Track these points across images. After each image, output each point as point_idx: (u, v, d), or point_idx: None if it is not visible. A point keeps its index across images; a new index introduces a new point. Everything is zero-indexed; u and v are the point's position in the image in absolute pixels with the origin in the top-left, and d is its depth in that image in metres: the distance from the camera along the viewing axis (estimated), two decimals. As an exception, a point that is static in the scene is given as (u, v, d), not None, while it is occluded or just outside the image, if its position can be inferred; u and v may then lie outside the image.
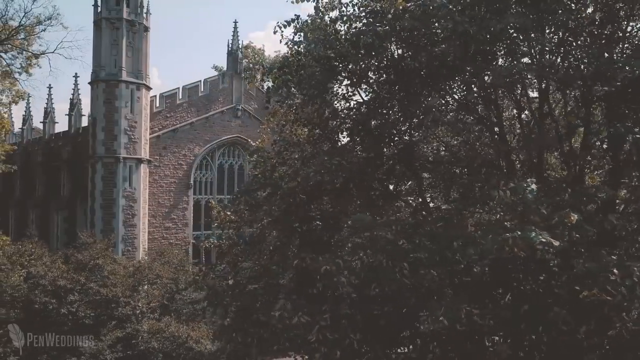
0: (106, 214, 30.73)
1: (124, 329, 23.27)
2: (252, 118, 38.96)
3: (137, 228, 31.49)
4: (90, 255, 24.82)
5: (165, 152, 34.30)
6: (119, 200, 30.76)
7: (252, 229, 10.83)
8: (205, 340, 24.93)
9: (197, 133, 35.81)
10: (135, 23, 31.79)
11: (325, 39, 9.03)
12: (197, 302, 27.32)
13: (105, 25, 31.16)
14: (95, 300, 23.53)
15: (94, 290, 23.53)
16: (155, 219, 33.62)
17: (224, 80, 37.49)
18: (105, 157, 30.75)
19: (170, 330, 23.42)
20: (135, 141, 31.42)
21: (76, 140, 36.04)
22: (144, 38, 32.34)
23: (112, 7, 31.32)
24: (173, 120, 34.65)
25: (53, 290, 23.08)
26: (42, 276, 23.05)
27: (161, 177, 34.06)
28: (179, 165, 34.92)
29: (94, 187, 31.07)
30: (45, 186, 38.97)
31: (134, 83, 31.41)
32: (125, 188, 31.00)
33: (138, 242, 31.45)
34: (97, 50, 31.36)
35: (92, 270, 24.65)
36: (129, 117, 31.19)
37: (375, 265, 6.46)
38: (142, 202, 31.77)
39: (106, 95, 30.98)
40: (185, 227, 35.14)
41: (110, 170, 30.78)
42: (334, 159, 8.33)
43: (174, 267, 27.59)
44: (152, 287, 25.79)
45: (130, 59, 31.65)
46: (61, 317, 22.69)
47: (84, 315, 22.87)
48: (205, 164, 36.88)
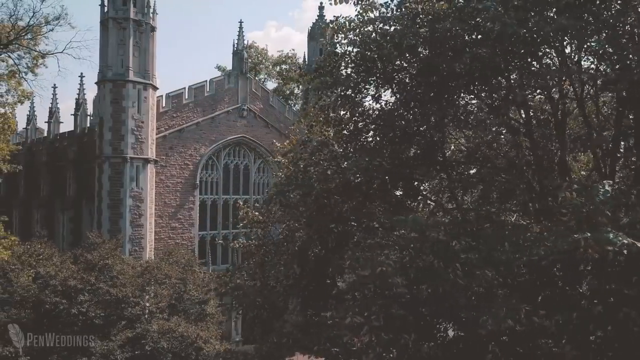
0: (113, 214, 30.63)
1: (134, 329, 23.24)
2: (257, 118, 38.95)
3: (144, 228, 31.42)
4: (100, 255, 24.75)
5: (172, 152, 34.24)
6: (126, 200, 30.67)
7: (280, 229, 10.82)
8: (214, 341, 24.97)
9: (203, 133, 35.76)
10: (142, 23, 31.71)
11: (363, 39, 9.02)
12: (204, 302, 27.44)
13: (112, 25, 31.06)
14: (104, 301, 23.46)
15: (103, 290, 23.46)
16: (162, 219, 33.55)
17: (229, 80, 37.45)
18: (112, 157, 30.65)
19: (179, 330, 23.42)
20: (142, 141, 31.36)
21: (82, 140, 35.93)
22: (150, 38, 32.26)
23: (119, 7, 31.22)
24: (179, 120, 34.59)
25: (63, 290, 23.02)
26: (53, 276, 22.98)
27: (167, 177, 34.00)
28: (185, 165, 34.87)
29: (101, 187, 30.97)
30: (50, 186, 38.83)
31: (140, 83, 31.33)
32: (132, 188, 30.92)
33: (145, 242, 31.38)
34: (104, 50, 31.24)
35: (101, 271, 24.58)
36: (135, 117, 31.12)
37: (425, 266, 6.48)
38: (149, 202, 31.71)
39: (113, 95, 30.88)
40: (192, 227, 35.08)
41: (118, 171, 30.69)
42: (374, 159, 8.34)
43: (182, 267, 27.57)
44: (160, 287, 25.73)
45: (137, 59, 31.57)
46: (71, 318, 22.65)
47: (94, 315, 22.80)
48: (211, 164, 36.84)
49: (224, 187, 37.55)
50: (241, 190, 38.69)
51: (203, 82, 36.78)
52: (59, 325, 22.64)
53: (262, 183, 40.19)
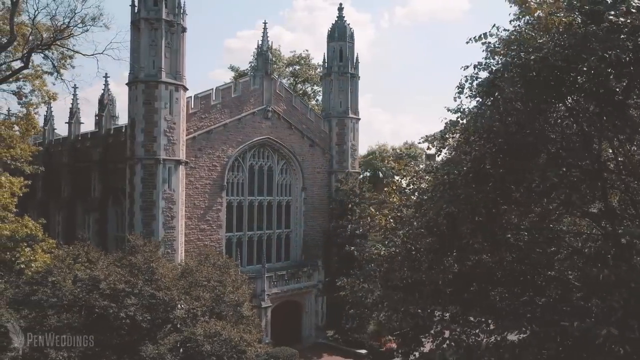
0: (146, 216, 30.40)
1: (181, 332, 23.17)
2: (281, 119, 38.96)
3: (176, 230, 31.25)
4: (144, 258, 24.60)
5: (201, 154, 34.10)
6: (159, 202, 30.46)
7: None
8: (256, 344, 24.97)
9: (230, 134, 35.66)
10: (174, 23, 31.51)
11: (542, 47, 8.76)
12: (240, 304, 27.40)
13: (144, 25, 30.82)
14: (150, 304, 23.36)
15: (149, 293, 23.35)
16: (191, 221, 33.42)
17: (254, 81, 37.37)
18: (145, 158, 30.40)
19: (225, 333, 23.37)
20: (174, 142, 31.17)
21: (107, 141, 35.63)
22: (181, 39, 32.08)
23: (151, 8, 30.98)
24: (207, 121, 34.45)
25: (111, 294, 22.85)
26: (102, 280, 22.80)
27: (196, 178, 33.86)
28: (213, 166, 34.75)
29: (133, 189, 30.72)
30: (72, 187, 38.48)
31: (172, 84, 31.13)
32: (165, 190, 30.72)
33: (177, 244, 31.22)
34: (135, 51, 31.00)
35: (145, 273, 24.44)
36: (168, 119, 30.92)
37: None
38: (180, 203, 31.54)
39: (145, 97, 30.63)
40: (219, 229, 34.98)
41: (150, 172, 30.46)
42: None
43: (219, 269, 27.52)
44: (202, 289, 25.66)
45: (169, 60, 31.36)
46: (119, 321, 22.52)
47: (141, 319, 22.69)
48: (237, 165, 36.76)
49: (249, 188, 37.52)
50: (265, 191, 38.69)
51: (230, 83, 36.86)
52: (106, 328, 22.52)
53: (285, 184, 40.23)
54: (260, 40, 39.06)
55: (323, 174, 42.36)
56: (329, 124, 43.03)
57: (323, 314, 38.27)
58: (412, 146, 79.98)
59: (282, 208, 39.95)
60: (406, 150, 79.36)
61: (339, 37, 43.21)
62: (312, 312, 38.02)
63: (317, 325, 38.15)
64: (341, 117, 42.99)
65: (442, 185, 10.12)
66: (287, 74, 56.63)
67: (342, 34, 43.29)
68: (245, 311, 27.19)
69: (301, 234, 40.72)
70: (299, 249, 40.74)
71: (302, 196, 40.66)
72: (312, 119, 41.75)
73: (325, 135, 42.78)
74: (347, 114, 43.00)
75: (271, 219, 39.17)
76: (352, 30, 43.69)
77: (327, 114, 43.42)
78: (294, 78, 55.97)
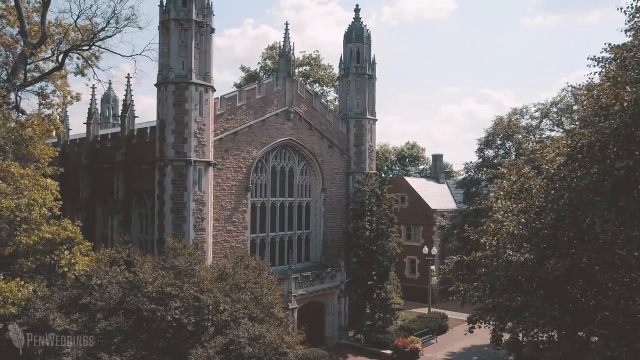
0: (177, 218, 30.19)
1: (226, 335, 23.15)
2: (302, 120, 38.99)
3: (206, 232, 31.11)
4: (187, 261, 24.49)
5: (227, 155, 33.97)
6: (189, 203, 30.27)
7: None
8: (298, 346, 25.02)
9: (254, 136, 35.59)
10: (204, 24, 31.34)
11: None
12: (273, 306, 27.36)
13: (174, 26, 30.59)
14: (194, 307, 23.29)
15: (193, 296, 23.27)
16: (218, 222, 33.29)
17: (277, 82, 37.32)
18: (175, 160, 30.18)
19: (268, 335, 23.37)
20: (204, 144, 31.01)
21: (131, 142, 35.28)
22: (209, 39, 31.91)
23: (180, 8, 30.76)
24: (234, 122, 34.33)
25: (157, 297, 22.73)
26: (150, 283, 22.66)
27: (223, 180, 33.73)
28: (239, 167, 34.64)
29: (163, 191, 30.49)
30: (91, 189, 38.04)
31: (202, 85, 30.95)
32: (195, 191, 30.55)
33: (207, 245, 31.07)
34: (164, 52, 30.75)
35: (188, 276, 24.33)
36: (198, 120, 30.75)
37: None
38: (209, 205, 31.40)
39: (176, 98, 30.41)
40: (245, 230, 34.89)
41: (181, 174, 30.26)
42: None
43: (254, 271, 27.46)
44: (241, 292, 25.63)
45: (198, 61, 31.19)
46: (165, 324, 22.44)
47: (187, 321, 22.63)
48: (260, 166, 36.70)
49: (272, 189, 37.50)
50: (286, 192, 38.68)
51: (254, 84, 36.70)
52: (152, 331, 22.44)
53: (305, 185, 40.25)
54: (282, 41, 39.01)
55: (341, 175, 42.47)
56: (347, 125, 43.15)
57: (345, 314, 38.38)
58: (414, 146, 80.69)
59: (302, 209, 39.97)
60: (408, 150, 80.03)
61: (356, 38, 43.35)
62: (335, 312, 38.12)
63: (339, 325, 38.25)
64: (359, 118, 43.15)
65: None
66: (298, 74, 56.61)
67: (359, 35, 43.44)
68: (279, 313, 27.18)
69: (321, 235, 40.77)
70: (319, 250, 40.79)
71: (322, 197, 40.72)
72: (331, 119, 41.82)
73: (343, 137, 42.90)
74: (365, 114, 43.16)
75: (292, 220, 39.16)
76: (369, 31, 43.88)
77: (345, 115, 43.54)
78: (304, 78, 55.95)
